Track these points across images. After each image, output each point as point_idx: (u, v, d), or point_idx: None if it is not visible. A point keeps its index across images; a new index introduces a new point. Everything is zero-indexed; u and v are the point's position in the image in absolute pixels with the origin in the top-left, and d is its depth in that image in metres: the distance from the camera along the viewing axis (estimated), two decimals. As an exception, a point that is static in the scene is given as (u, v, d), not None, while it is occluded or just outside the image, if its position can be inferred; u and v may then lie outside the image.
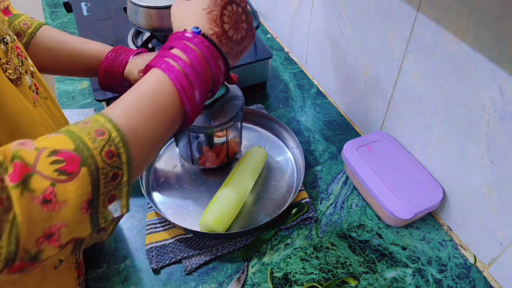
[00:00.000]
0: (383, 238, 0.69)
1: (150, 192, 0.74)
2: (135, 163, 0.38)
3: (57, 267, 0.52)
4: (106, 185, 0.35)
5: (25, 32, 0.63)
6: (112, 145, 0.36)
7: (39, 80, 0.53)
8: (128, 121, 0.38)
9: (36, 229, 0.31)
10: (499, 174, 0.58)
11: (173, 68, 0.42)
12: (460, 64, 0.59)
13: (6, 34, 0.47)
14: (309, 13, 0.96)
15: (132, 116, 0.39)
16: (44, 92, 0.53)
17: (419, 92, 0.69)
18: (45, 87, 0.54)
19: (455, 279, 0.64)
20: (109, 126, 0.36)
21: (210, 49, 0.45)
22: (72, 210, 0.33)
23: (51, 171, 0.32)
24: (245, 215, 0.71)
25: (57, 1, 1.29)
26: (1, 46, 0.44)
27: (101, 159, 0.35)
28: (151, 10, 0.81)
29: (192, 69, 0.43)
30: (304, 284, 0.63)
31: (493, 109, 0.56)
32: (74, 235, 0.34)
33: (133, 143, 0.38)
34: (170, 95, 0.42)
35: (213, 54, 0.46)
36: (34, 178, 0.31)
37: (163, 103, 0.41)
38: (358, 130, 0.90)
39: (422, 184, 0.70)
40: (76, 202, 0.33)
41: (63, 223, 0.32)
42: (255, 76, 0.93)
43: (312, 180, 0.78)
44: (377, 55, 0.76)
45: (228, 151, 0.75)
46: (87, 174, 0.33)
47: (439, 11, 0.59)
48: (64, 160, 0.33)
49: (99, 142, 0.35)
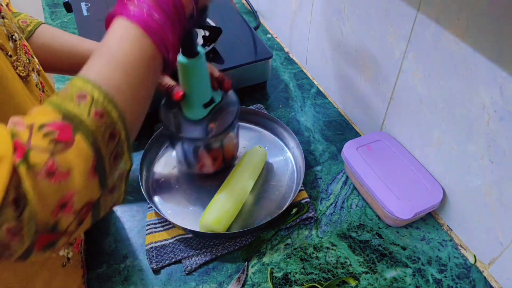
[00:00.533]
0: (383, 238, 0.69)
1: (150, 192, 0.74)
2: (129, 117, 0.38)
3: (64, 265, 0.53)
4: (106, 145, 0.35)
5: (24, 30, 0.63)
6: (98, 105, 0.35)
7: (45, 78, 0.54)
8: (107, 78, 0.37)
9: (48, 202, 0.31)
10: (499, 174, 0.58)
11: (138, 13, 0.40)
12: (460, 64, 0.59)
13: (15, 32, 0.47)
14: (309, 13, 0.96)
15: (110, 73, 0.38)
16: (49, 90, 0.54)
17: (419, 92, 0.69)
18: (50, 85, 0.55)
19: (455, 279, 0.64)
20: (88, 88, 0.35)
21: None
22: (79, 177, 0.32)
23: (46, 143, 0.31)
24: (245, 215, 0.71)
25: (57, 1, 1.29)
26: (10, 44, 0.45)
27: (91, 122, 0.34)
28: (151, 10, 0.81)
29: (158, 8, 0.41)
30: (304, 284, 0.63)
31: (493, 109, 0.56)
32: (86, 199, 0.34)
33: (119, 98, 0.37)
34: (143, 45, 0.40)
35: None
36: (32, 154, 0.31)
37: (139, 54, 0.40)
38: (358, 130, 0.90)
39: (422, 184, 0.70)
40: (82, 168, 0.33)
41: (73, 191, 0.32)
42: (255, 76, 0.93)
43: (312, 180, 0.78)
44: (377, 55, 0.76)
45: (225, 156, 0.74)
46: (83, 140, 0.33)
47: (439, 11, 0.59)
48: (56, 130, 0.32)
49: (83, 107, 0.34)
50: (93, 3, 1.07)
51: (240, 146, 0.83)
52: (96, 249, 0.67)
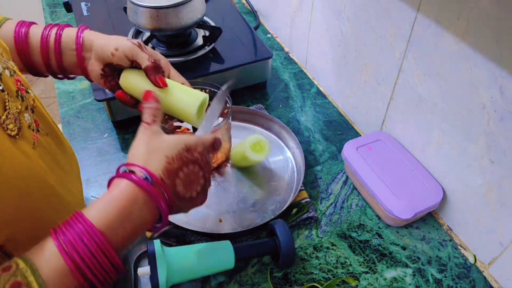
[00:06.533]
0: (383, 238, 0.69)
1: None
2: None
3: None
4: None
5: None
6: (17, 275, 0.35)
7: (40, 114, 0.51)
8: None
9: None
10: (499, 174, 0.58)
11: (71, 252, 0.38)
12: (460, 64, 0.59)
13: (5, 69, 0.44)
14: (309, 13, 0.96)
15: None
16: (45, 128, 0.51)
17: (419, 92, 0.69)
18: (45, 121, 0.52)
19: (455, 279, 0.64)
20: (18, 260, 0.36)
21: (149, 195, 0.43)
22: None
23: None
24: (245, 215, 0.71)
25: (57, 1, 1.29)
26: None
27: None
28: (151, 10, 0.81)
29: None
30: (304, 284, 0.63)
31: (493, 109, 0.56)
32: None
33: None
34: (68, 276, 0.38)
35: (151, 200, 0.43)
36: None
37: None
38: (358, 130, 0.90)
39: (422, 184, 0.70)
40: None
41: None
42: (255, 76, 0.93)
43: (312, 180, 0.78)
44: (377, 55, 0.76)
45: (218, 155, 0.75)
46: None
47: (439, 11, 0.59)
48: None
49: (3, 278, 0.35)
50: (93, 3, 1.07)
51: (240, 146, 0.83)
52: (96, 249, 0.67)
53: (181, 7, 0.82)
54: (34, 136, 0.46)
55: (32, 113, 0.48)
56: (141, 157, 0.45)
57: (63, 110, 0.92)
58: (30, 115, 0.47)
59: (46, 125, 0.51)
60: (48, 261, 0.37)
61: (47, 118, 0.52)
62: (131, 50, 0.55)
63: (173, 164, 0.45)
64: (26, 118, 0.45)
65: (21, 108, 0.45)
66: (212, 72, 0.86)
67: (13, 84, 0.45)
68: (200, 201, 0.50)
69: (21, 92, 0.46)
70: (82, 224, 0.39)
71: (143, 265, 0.61)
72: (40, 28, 0.56)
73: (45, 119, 0.52)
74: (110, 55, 0.55)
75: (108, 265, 0.39)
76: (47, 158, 0.48)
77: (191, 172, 0.47)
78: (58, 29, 0.56)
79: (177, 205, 0.46)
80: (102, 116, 0.91)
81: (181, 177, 0.45)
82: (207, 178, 0.49)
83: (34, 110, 0.49)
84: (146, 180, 0.42)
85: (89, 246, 0.38)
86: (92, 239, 0.38)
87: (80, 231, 0.38)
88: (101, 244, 0.39)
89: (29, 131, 0.45)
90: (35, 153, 0.45)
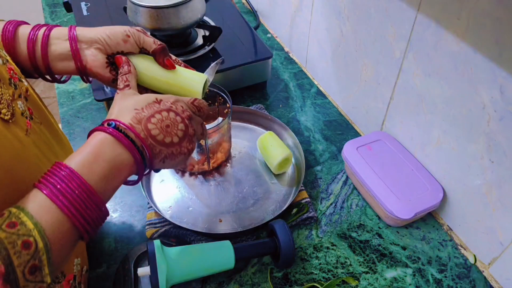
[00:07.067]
0: (383, 238, 0.69)
1: (150, 192, 0.74)
2: (50, 229, 0.38)
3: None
4: (19, 255, 0.35)
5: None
6: (11, 217, 0.37)
7: (34, 103, 0.51)
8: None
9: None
10: (499, 174, 0.58)
11: (60, 195, 0.40)
12: (460, 64, 0.59)
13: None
14: (309, 13, 0.96)
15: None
16: (39, 117, 0.51)
17: (419, 92, 0.69)
18: (39, 110, 0.52)
19: (455, 279, 0.64)
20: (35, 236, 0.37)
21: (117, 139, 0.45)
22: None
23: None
24: (245, 215, 0.71)
25: (57, 1, 1.29)
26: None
27: (1, 232, 0.35)
28: (151, 10, 0.81)
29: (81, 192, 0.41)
30: (304, 284, 0.63)
31: (493, 109, 0.56)
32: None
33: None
34: (63, 223, 0.40)
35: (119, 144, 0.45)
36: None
37: (61, 233, 0.40)
38: (358, 130, 0.90)
39: (422, 184, 0.70)
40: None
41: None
42: (255, 76, 0.93)
43: (312, 180, 0.78)
44: (377, 55, 0.76)
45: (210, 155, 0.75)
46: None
47: (439, 11, 0.59)
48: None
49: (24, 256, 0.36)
50: (93, 3, 1.07)
51: (240, 146, 0.83)
52: (96, 249, 0.67)
53: (181, 7, 0.82)
54: (27, 123, 0.47)
55: (26, 101, 0.49)
56: (113, 115, 0.48)
57: (63, 110, 0.92)
58: (23, 103, 0.48)
59: (40, 114, 0.52)
60: (39, 206, 0.39)
61: (41, 108, 0.53)
62: (139, 36, 0.57)
63: (142, 113, 0.48)
64: (19, 105, 0.46)
65: (14, 95, 0.46)
66: (212, 72, 0.86)
67: (6, 72, 0.46)
68: (187, 148, 0.51)
69: (14, 80, 0.47)
70: (64, 171, 0.41)
71: (143, 265, 0.61)
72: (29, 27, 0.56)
73: (39, 108, 0.52)
74: (121, 42, 0.56)
75: (89, 201, 0.41)
76: (42, 145, 0.49)
77: (166, 118, 0.49)
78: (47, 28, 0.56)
79: (160, 150, 0.48)
80: (102, 116, 0.91)
81: (153, 122, 0.48)
82: (187, 124, 0.51)
83: (28, 99, 0.50)
84: (111, 127, 0.46)
85: (70, 185, 0.40)
86: (73, 180, 0.41)
87: (62, 175, 0.41)
88: (82, 184, 0.41)
89: (22, 118, 0.46)
90: (29, 140, 0.46)
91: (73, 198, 0.40)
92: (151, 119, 0.48)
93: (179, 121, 0.50)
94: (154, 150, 0.48)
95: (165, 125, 0.49)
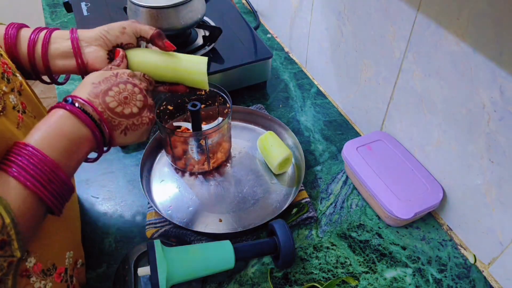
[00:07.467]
0: (383, 238, 0.69)
1: (150, 192, 0.74)
2: (19, 205, 0.39)
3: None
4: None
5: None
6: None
7: (29, 98, 0.52)
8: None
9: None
10: (499, 174, 0.58)
11: (23, 171, 0.41)
12: (460, 64, 0.59)
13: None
14: (309, 13, 0.96)
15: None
16: (33, 111, 0.52)
17: (419, 92, 0.69)
18: (35, 105, 0.53)
19: (455, 279, 0.64)
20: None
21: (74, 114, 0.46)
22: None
23: None
24: (245, 215, 0.71)
25: (57, 1, 1.29)
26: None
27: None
28: (151, 10, 0.81)
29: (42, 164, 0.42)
30: (304, 284, 0.63)
31: (493, 109, 0.56)
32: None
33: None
34: (25, 196, 0.41)
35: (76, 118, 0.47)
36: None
37: (26, 206, 0.41)
38: (358, 130, 0.90)
39: (422, 184, 0.70)
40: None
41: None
42: (255, 76, 0.93)
43: (312, 180, 0.78)
44: (377, 55, 0.76)
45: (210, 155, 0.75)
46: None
47: (439, 11, 0.59)
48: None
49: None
50: (93, 3, 1.07)
51: (240, 146, 0.83)
52: (96, 249, 0.67)
53: (181, 7, 0.82)
54: (19, 117, 0.48)
55: (20, 95, 0.50)
56: (73, 93, 0.49)
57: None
58: (16, 97, 0.49)
59: (34, 108, 0.53)
60: (3, 185, 0.40)
61: (35, 102, 0.53)
62: (135, 26, 0.59)
63: (99, 87, 0.49)
64: (11, 99, 0.47)
65: (7, 89, 0.47)
66: (212, 72, 0.86)
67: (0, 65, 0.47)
68: (148, 117, 0.53)
69: (8, 74, 0.48)
70: (25, 149, 0.42)
71: (143, 265, 0.61)
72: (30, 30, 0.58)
73: (33, 102, 0.53)
74: (119, 34, 0.58)
75: (52, 175, 0.42)
76: None
77: (123, 90, 0.51)
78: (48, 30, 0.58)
79: (120, 122, 0.50)
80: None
81: (111, 95, 0.49)
82: (145, 94, 0.53)
83: (22, 93, 0.50)
84: (67, 103, 0.47)
85: (32, 161, 0.41)
86: (34, 155, 0.41)
87: (23, 153, 0.41)
88: (43, 158, 0.42)
89: (13, 112, 0.47)
90: (20, 133, 0.46)
91: (36, 173, 0.41)
92: (108, 92, 0.50)
93: (137, 92, 0.52)
94: (113, 122, 0.49)
95: (123, 97, 0.50)
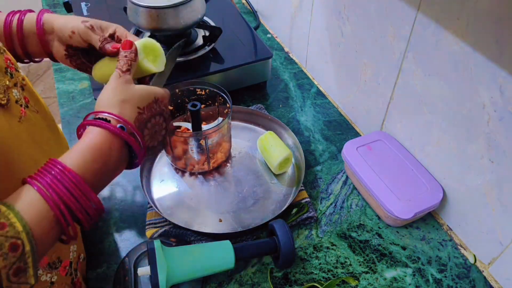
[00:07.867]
0: (383, 238, 0.69)
1: (151, 192, 0.74)
2: (38, 230, 0.38)
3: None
4: (5, 257, 0.35)
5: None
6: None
7: (31, 93, 0.52)
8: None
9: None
10: (499, 174, 0.58)
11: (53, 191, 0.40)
12: (460, 64, 0.59)
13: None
14: (309, 13, 0.96)
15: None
16: (35, 106, 0.52)
17: (419, 92, 0.69)
18: (37, 100, 0.53)
19: (455, 279, 0.64)
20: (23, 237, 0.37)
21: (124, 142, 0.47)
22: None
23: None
24: (245, 215, 0.71)
25: (57, 1, 1.29)
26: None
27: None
28: (151, 10, 0.81)
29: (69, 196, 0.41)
30: (304, 284, 0.63)
31: (493, 109, 0.56)
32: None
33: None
34: (51, 220, 0.40)
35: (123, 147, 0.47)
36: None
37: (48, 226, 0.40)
38: (358, 130, 0.90)
39: (422, 184, 0.70)
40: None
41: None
42: (255, 76, 0.93)
43: (312, 180, 0.78)
44: (377, 55, 0.76)
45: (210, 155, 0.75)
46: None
47: (439, 11, 0.59)
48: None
49: (10, 259, 0.35)
50: (93, 3, 1.07)
51: (240, 146, 0.83)
52: (96, 249, 0.67)
53: (181, 7, 0.82)
54: (21, 111, 0.47)
55: (22, 90, 0.50)
56: (115, 105, 0.48)
57: (63, 110, 0.92)
58: (19, 92, 0.48)
59: (36, 103, 0.53)
60: (29, 204, 0.39)
61: (37, 98, 0.54)
62: (85, 33, 0.56)
63: (143, 115, 0.49)
64: (14, 93, 0.47)
65: (10, 84, 0.47)
66: (212, 72, 0.86)
67: (3, 61, 0.47)
68: (158, 150, 0.56)
69: (11, 69, 0.48)
70: (59, 169, 0.41)
71: (143, 265, 0.61)
72: (3, 15, 0.57)
73: (35, 97, 0.53)
74: (68, 37, 0.56)
75: (88, 204, 0.42)
76: (36, 134, 0.49)
77: (157, 123, 0.52)
78: (20, 14, 0.57)
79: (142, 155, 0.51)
80: (102, 116, 0.90)
81: (148, 127, 0.50)
82: (166, 126, 0.55)
83: (24, 88, 0.50)
84: (121, 129, 0.46)
85: (69, 187, 0.40)
86: (71, 181, 0.40)
87: (58, 174, 0.40)
88: (79, 185, 0.41)
89: (16, 106, 0.47)
90: (21, 127, 0.46)
91: (68, 198, 0.40)
92: (147, 124, 0.50)
93: (164, 127, 0.53)
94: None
95: (154, 131, 0.51)
